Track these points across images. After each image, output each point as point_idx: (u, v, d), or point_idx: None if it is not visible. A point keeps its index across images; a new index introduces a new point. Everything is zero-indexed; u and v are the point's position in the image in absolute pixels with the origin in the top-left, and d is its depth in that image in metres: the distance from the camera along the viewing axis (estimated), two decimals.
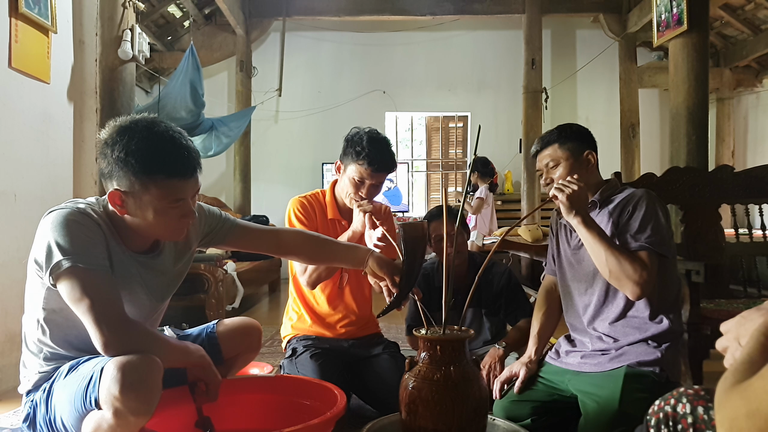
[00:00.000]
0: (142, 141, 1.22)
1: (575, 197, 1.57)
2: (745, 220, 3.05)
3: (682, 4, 3.88)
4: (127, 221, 1.30)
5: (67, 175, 2.87)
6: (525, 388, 1.75)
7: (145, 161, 1.21)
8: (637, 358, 1.57)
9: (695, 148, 3.90)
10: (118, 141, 1.23)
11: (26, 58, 2.53)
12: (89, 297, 1.19)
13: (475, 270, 2.31)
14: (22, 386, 1.39)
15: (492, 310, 2.37)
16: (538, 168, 1.78)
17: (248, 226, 1.62)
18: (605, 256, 1.54)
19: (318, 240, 1.67)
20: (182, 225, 1.32)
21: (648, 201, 1.62)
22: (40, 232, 1.26)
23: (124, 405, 1.13)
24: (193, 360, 1.37)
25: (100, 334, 1.19)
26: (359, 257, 1.63)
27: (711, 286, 2.25)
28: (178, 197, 1.27)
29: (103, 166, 1.27)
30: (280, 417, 1.59)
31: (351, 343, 2.12)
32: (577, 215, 1.57)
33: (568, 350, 1.76)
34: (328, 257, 1.70)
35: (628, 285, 1.53)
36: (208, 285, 3.70)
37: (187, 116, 4.66)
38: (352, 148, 1.96)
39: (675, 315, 1.67)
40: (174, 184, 1.25)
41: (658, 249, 1.55)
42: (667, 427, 0.91)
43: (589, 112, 7.10)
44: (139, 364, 1.16)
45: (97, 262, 1.23)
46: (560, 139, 1.72)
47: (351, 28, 6.91)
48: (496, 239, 3.90)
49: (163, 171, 1.23)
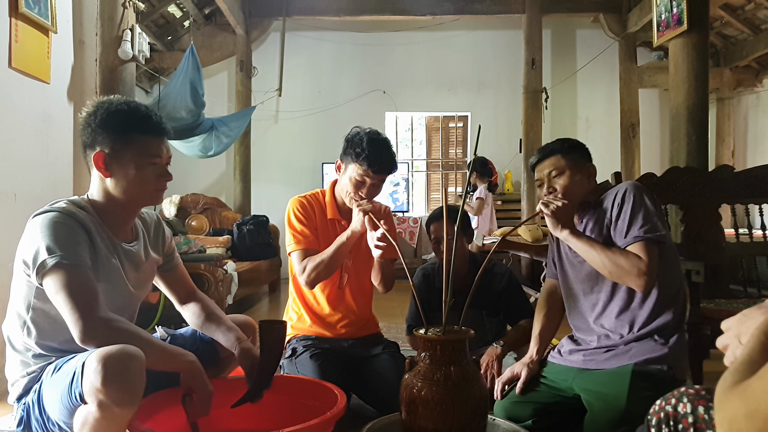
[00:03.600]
0: (120, 105, 1.44)
1: (560, 213, 1.65)
2: (745, 220, 3.04)
3: (682, 4, 3.88)
4: (110, 190, 1.42)
5: (67, 175, 2.87)
6: (526, 389, 1.75)
7: (123, 121, 1.41)
8: (644, 356, 1.58)
9: (695, 148, 3.90)
10: (100, 108, 1.42)
11: (26, 58, 2.53)
12: (69, 288, 1.25)
13: (476, 270, 2.32)
14: (11, 395, 1.40)
15: (492, 311, 2.37)
16: (538, 178, 1.79)
17: (182, 275, 1.70)
18: (600, 259, 1.60)
19: (203, 319, 1.62)
20: (159, 186, 1.46)
21: (635, 192, 1.65)
22: (27, 234, 1.33)
23: (107, 396, 1.14)
24: (181, 364, 1.35)
25: (77, 322, 1.23)
26: (231, 341, 1.55)
27: (711, 286, 2.25)
28: (153, 153, 1.44)
29: (86, 137, 1.42)
30: (280, 417, 1.58)
31: (351, 343, 2.12)
32: (564, 229, 1.66)
33: (572, 349, 1.76)
34: (206, 332, 1.63)
35: (631, 279, 1.57)
36: (208, 285, 3.70)
37: (187, 116, 4.66)
38: (352, 149, 1.96)
39: (679, 306, 1.68)
40: (149, 141, 1.43)
41: (653, 236, 1.58)
42: (668, 427, 0.91)
43: (589, 112, 7.11)
44: (120, 355, 1.17)
45: (80, 259, 1.29)
46: (563, 150, 1.74)
47: (351, 28, 6.91)
48: (496, 239, 3.89)
49: (138, 129, 1.42)
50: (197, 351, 1.58)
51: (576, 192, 1.72)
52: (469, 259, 2.40)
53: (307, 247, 2.02)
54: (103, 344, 1.20)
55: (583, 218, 1.77)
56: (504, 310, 2.37)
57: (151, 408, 1.41)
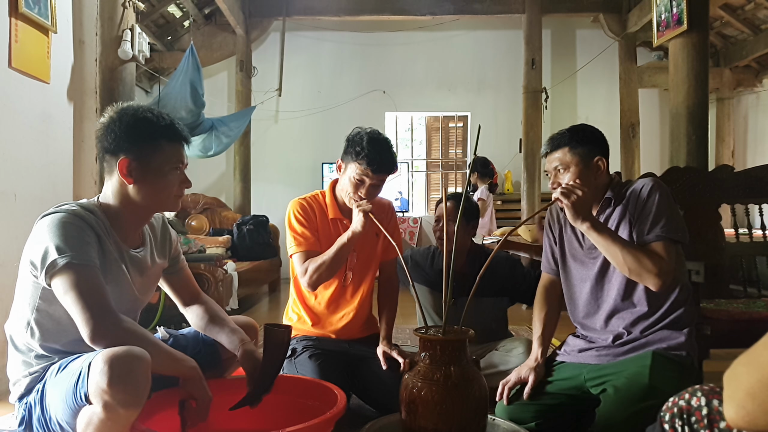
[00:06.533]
0: (145, 113, 1.44)
1: (580, 203, 1.57)
2: (745, 220, 3.04)
3: (682, 4, 3.88)
4: (130, 195, 1.42)
5: (67, 175, 2.87)
6: (533, 394, 1.71)
7: (150, 128, 1.42)
8: (664, 343, 1.57)
9: (695, 148, 3.90)
10: (124, 114, 1.42)
11: (26, 58, 2.53)
12: (79, 288, 1.24)
13: (475, 259, 2.36)
14: (12, 394, 1.39)
15: (498, 296, 2.44)
16: (547, 169, 1.76)
17: (187, 278, 1.71)
18: (621, 255, 1.54)
19: (206, 321, 1.62)
20: (180, 192, 1.48)
21: (660, 189, 1.62)
22: (35, 235, 1.32)
23: (112, 398, 1.14)
24: (183, 369, 1.35)
25: (88, 322, 1.23)
26: (234, 343, 1.55)
27: (711, 286, 2.25)
28: (178, 159, 1.45)
29: (108, 143, 1.40)
30: (280, 417, 1.58)
31: (351, 344, 2.12)
32: (585, 221, 1.57)
33: (582, 347, 1.73)
34: (210, 334, 1.63)
35: (649, 278, 1.53)
36: (208, 285, 3.70)
37: (187, 116, 4.66)
38: (352, 148, 1.96)
39: (690, 304, 1.66)
40: (174, 148, 1.45)
41: (674, 236, 1.55)
42: (681, 420, 0.91)
43: (589, 112, 7.10)
44: (126, 357, 1.17)
45: (90, 260, 1.29)
46: (571, 143, 1.69)
47: (351, 28, 6.91)
48: (496, 239, 3.90)
49: (165, 136, 1.43)
50: (199, 352, 1.59)
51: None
52: (468, 248, 2.44)
53: (309, 248, 2.01)
54: (113, 344, 1.20)
55: (605, 214, 1.72)
56: (517, 293, 2.45)
57: (151, 408, 1.40)
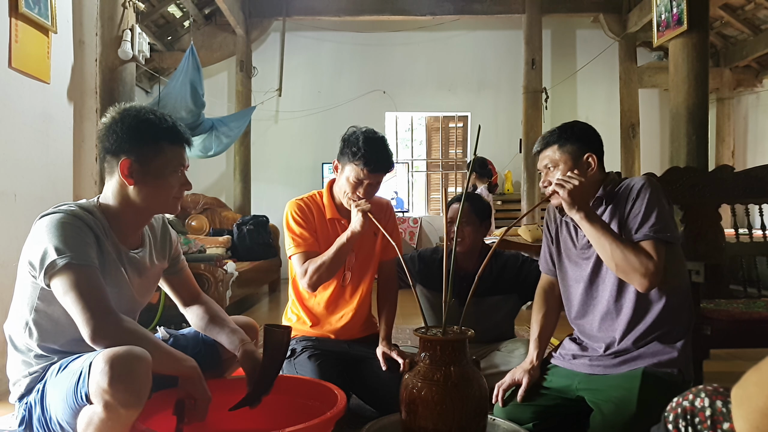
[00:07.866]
0: (147, 114, 1.43)
1: (576, 192, 1.56)
2: (745, 220, 3.05)
3: (682, 4, 3.88)
4: (130, 196, 1.41)
5: (67, 175, 2.87)
6: (527, 396, 1.71)
7: (152, 130, 1.41)
8: (655, 359, 1.55)
9: (695, 148, 3.90)
10: (126, 115, 1.41)
11: (26, 58, 2.53)
12: (79, 288, 1.24)
13: (485, 258, 2.33)
14: (12, 394, 1.39)
15: (509, 293, 2.40)
16: (539, 168, 1.75)
17: (188, 278, 1.70)
18: (610, 249, 1.52)
19: (206, 321, 1.62)
20: (180, 194, 1.48)
21: (651, 188, 1.59)
22: (34, 235, 1.32)
23: (113, 397, 1.14)
24: (183, 369, 1.35)
25: (88, 321, 1.23)
26: (234, 343, 1.55)
27: (711, 286, 2.25)
28: (179, 162, 1.45)
29: (109, 144, 1.39)
30: (280, 417, 1.58)
31: (350, 344, 2.12)
32: (580, 210, 1.56)
33: (576, 354, 1.72)
34: (210, 334, 1.63)
35: (636, 277, 1.51)
36: (208, 285, 3.70)
37: (187, 116, 4.66)
38: (348, 148, 1.95)
39: (687, 311, 1.64)
40: (176, 150, 1.44)
41: (663, 236, 1.52)
42: (684, 421, 0.91)
43: (589, 112, 7.10)
44: (127, 356, 1.17)
45: (89, 260, 1.28)
46: (560, 141, 1.67)
47: (351, 28, 6.91)
48: (496, 239, 3.89)
49: (167, 138, 1.43)
50: (199, 352, 1.59)
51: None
52: (481, 248, 2.39)
53: (307, 249, 2.01)
54: (114, 344, 1.20)
55: (597, 212, 1.69)
56: (526, 288, 2.38)
57: (151, 408, 1.40)
